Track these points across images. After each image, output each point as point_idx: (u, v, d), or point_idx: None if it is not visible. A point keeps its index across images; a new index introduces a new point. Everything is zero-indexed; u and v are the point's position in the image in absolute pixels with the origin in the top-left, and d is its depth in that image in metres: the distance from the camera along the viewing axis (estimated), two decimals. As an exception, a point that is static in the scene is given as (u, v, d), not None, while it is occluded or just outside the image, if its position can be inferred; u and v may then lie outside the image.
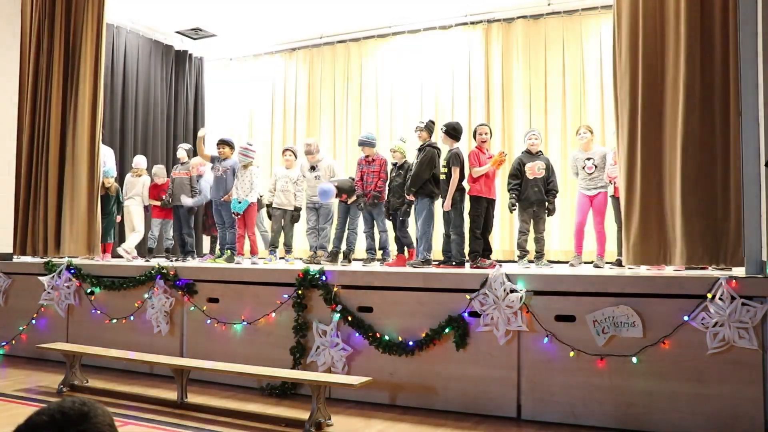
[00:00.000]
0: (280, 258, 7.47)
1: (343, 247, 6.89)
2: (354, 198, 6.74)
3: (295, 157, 7.56)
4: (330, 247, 6.99)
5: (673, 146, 4.62)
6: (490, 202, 6.09)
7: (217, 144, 7.38)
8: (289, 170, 7.49)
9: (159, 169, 8.14)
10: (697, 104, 4.55)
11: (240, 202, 6.96)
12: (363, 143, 6.82)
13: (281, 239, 7.57)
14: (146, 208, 8.00)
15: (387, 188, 6.66)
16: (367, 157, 6.77)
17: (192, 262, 7.13)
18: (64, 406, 1.29)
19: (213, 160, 7.35)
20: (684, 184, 4.52)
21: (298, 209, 7.42)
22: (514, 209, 6.15)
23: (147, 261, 7.01)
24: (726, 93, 4.50)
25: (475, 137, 6.28)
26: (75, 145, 7.14)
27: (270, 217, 7.59)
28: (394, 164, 6.61)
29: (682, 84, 4.58)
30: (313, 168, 7.23)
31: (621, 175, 4.90)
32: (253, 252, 7.18)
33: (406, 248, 6.53)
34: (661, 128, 4.72)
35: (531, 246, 6.19)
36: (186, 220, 7.71)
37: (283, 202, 7.36)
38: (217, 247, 7.59)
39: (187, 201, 7.54)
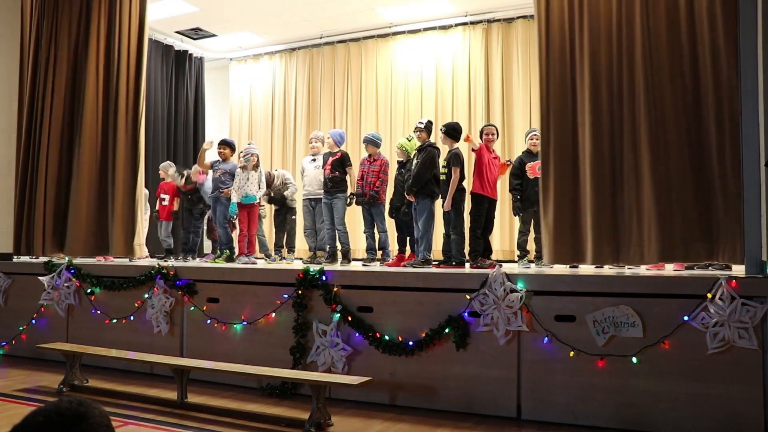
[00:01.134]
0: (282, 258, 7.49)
1: (339, 246, 6.88)
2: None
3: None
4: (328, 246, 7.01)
5: (583, 149, 4.79)
6: (492, 202, 6.09)
7: (219, 144, 7.42)
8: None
9: (166, 165, 8.16)
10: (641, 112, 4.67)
11: (246, 196, 6.99)
12: (368, 141, 6.84)
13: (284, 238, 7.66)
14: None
15: (388, 188, 6.68)
16: (369, 156, 6.78)
17: (192, 262, 7.14)
18: (60, 407, 1.28)
19: (212, 165, 7.40)
20: (593, 187, 4.70)
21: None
22: (520, 213, 6.16)
23: (165, 261, 6.93)
24: (685, 98, 4.59)
25: (481, 137, 6.29)
26: (116, 146, 6.91)
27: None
28: (399, 162, 6.62)
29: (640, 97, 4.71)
30: (314, 159, 7.25)
31: (541, 177, 5.06)
32: (251, 251, 7.18)
33: (408, 248, 6.53)
34: (574, 131, 4.89)
35: (531, 246, 6.19)
36: (195, 219, 7.78)
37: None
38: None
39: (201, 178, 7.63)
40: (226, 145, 7.43)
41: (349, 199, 6.76)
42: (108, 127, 7.03)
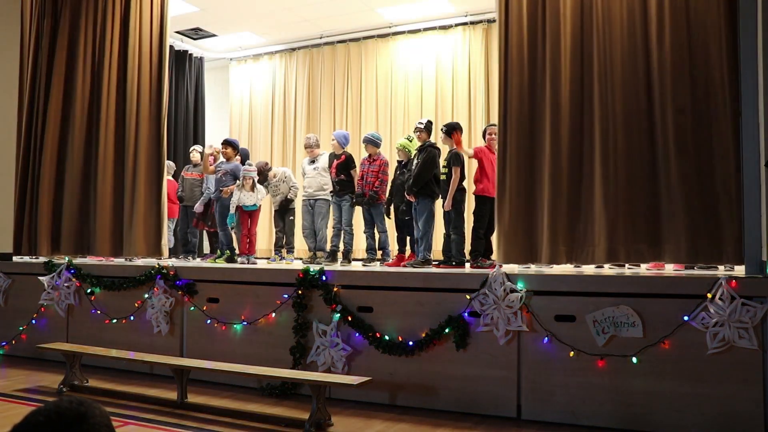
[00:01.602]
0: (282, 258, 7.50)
1: (341, 246, 6.90)
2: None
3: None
4: (328, 247, 7.02)
5: (542, 151, 4.93)
6: (494, 202, 6.07)
7: (222, 144, 7.49)
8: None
9: (168, 165, 8.19)
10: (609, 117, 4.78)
11: (248, 206, 7.11)
12: (367, 141, 6.86)
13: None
14: None
15: (388, 188, 6.68)
16: (369, 156, 6.80)
17: (192, 262, 7.14)
18: (61, 406, 1.28)
19: (216, 167, 7.51)
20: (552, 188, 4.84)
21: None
22: None
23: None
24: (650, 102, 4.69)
25: (484, 137, 6.29)
26: (138, 146, 6.81)
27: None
28: (399, 162, 6.62)
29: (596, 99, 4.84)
30: (312, 161, 7.26)
31: (497, 179, 5.16)
32: (251, 251, 7.19)
33: (408, 248, 6.54)
34: (532, 134, 5.01)
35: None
36: (191, 220, 7.79)
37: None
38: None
39: (199, 208, 7.66)
40: (228, 144, 7.52)
41: (356, 200, 6.79)
42: (128, 127, 6.90)
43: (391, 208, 6.65)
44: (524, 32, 5.10)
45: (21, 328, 6.67)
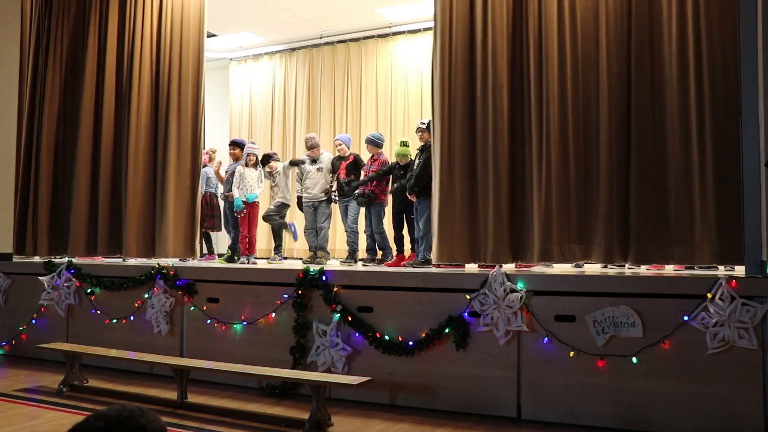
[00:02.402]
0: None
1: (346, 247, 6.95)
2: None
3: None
4: (329, 247, 7.06)
5: (485, 155, 5.10)
6: None
7: (229, 145, 7.68)
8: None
9: None
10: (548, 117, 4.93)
11: (245, 199, 7.10)
12: (370, 141, 6.91)
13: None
14: None
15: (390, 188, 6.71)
16: (371, 156, 6.82)
17: (192, 262, 7.13)
18: (123, 415, 1.27)
19: (226, 171, 7.64)
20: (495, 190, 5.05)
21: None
22: None
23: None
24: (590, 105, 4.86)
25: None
26: (167, 147, 6.69)
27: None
28: (397, 164, 6.62)
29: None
30: (314, 161, 7.27)
31: (435, 180, 5.29)
32: (251, 251, 7.19)
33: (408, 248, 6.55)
34: (472, 138, 5.19)
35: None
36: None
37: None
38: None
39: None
40: (235, 145, 7.67)
41: (357, 200, 6.82)
42: (159, 127, 6.79)
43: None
44: (464, 37, 5.29)
45: (21, 328, 6.67)
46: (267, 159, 7.54)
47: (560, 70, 4.93)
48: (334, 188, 7.14)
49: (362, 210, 6.95)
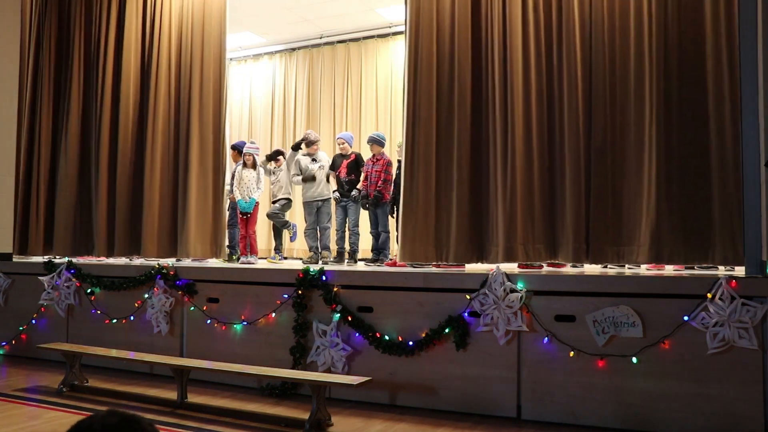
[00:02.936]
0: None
1: (347, 247, 6.93)
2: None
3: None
4: (332, 247, 7.04)
5: (450, 156, 5.27)
6: None
7: (231, 148, 7.62)
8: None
9: None
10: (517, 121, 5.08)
11: (247, 202, 7.13)
12: (373, 141, 6.91)
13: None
14: None
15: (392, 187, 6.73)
16: (373, 156, 6.82)
17: (192, 262, 7.13)
18: (109, 423, 1.27)
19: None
20: (458, 188, 5.19)
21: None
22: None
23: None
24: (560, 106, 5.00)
25: None
26: (189, 145, 6.56)
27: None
28: (399, 161, 6.63)
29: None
30: (314, 160, 7.27)
31: (402, 182, 5.45)
32: (253, 251, 7.20)
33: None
34: (437, 139, 5.33)
35: None
36: None
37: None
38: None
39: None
40: (233, 149, 7.70)
41: (361, 202, 6.83)
42: (180, 124, 6.68)
43: (395, 207, 6.66)
44: (429, 42, 5.44)
45: (21, 328, 6.67)
46: (276, 155, 7.64)
47: (524, 73, 5.08)
48: (334, 188, 7.13)
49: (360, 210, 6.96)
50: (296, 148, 7.45)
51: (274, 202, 7.64)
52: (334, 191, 7.09)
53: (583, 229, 4.79)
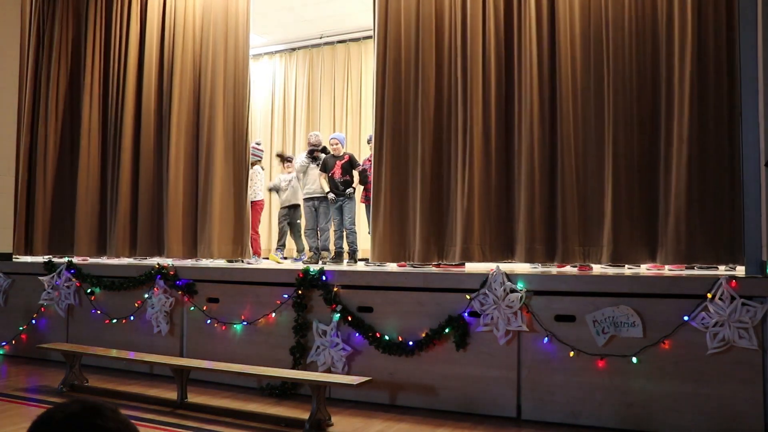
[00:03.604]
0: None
1: (346, 247, 6.92)
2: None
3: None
4: (331, 248, 7.04)
5: (414, 160, 5.38)
6: None
7: None
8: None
9: None
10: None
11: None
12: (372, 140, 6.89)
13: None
14: None
15: None
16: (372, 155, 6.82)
17: (192, 262, 7.13)
18: (71, 409, 1.28)
19: None
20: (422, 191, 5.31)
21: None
22: None
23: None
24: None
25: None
26: (211, 145, 6.49)
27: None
28: None
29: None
30: (315, 160, 7.28)
31: (373, 181, 5.62)
32: (256, 252, 7.20)
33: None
34: (404, 141, 5.48)
35: None
36: None
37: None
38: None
39: None
40: None
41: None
42: (201, 123, 6.61)
43: None
44: (396, 48, 5.57)
45: (21, 328, 6.66)
46: (287, 160, 7.89)
47: (484, 76, 5.21)
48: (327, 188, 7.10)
49: (363, 209, 6.96)
50: (324, 151, 7.37)
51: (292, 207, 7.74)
52: (327, 192, 7.04)
53: (538, 230, 4.90)
